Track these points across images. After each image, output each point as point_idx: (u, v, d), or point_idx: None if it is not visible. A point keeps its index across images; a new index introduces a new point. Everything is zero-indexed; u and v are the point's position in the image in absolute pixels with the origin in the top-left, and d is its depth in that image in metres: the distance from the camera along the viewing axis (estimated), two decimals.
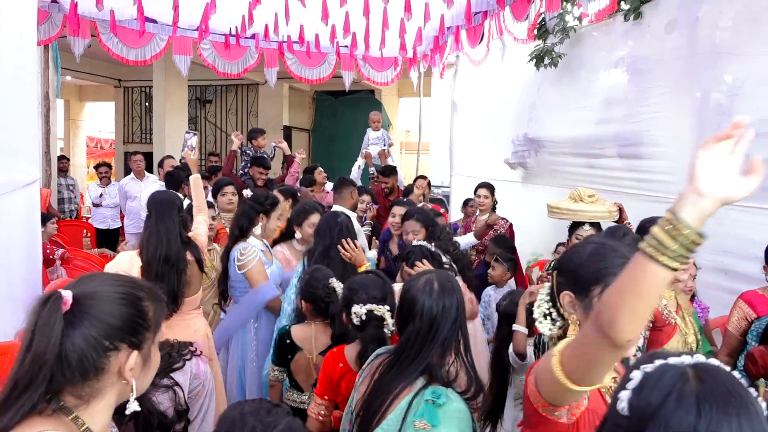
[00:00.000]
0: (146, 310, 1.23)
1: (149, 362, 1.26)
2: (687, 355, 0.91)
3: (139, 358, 1.21)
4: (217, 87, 14.05)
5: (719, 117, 3.62)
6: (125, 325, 1.18)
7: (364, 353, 2.16)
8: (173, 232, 3.15)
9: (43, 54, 6.71)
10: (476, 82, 7.30)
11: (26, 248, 3.18)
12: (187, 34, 6.43)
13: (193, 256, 3.25)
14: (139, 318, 1.21)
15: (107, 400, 1.19)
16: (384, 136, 7.71)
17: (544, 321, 1.59)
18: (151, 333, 1.24)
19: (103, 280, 1.24)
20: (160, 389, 2.08)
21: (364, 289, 2.31)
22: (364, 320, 2.25)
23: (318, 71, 7.20)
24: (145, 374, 1.26)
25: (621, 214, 3.61)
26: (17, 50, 3.11)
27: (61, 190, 8.98)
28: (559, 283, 1.57)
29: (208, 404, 2.48)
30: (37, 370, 1.09)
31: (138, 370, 1.21)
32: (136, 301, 1.22)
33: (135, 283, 1.27)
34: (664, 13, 4.17)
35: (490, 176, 5.66)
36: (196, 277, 3.33)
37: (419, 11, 5.37)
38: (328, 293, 2.69)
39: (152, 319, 1.24)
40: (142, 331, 1.22)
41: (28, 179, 3.20)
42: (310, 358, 2.72)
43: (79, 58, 6.08)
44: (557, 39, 5.07)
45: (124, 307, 1.19)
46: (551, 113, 5.52)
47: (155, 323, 1.25)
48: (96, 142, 18.33)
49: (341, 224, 3.34)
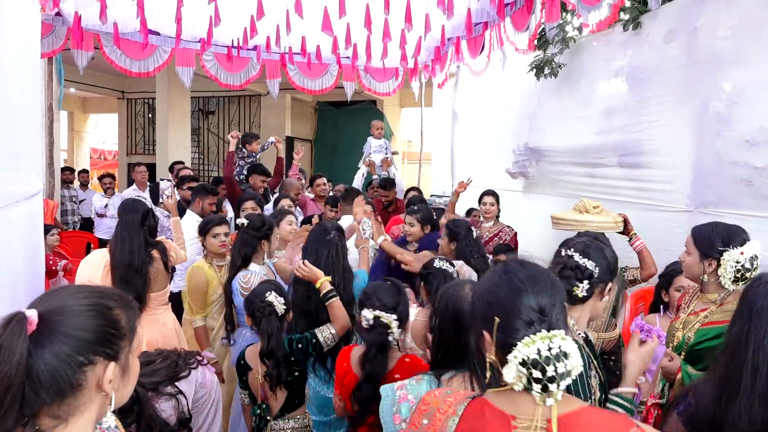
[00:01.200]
0: (117, 318, 1.18)
1: (128, 371, 1.22)
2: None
3: (117, 369, 1.16)
4: (220, 98, 14.12)
5: (719, 125, 3.63)
6: (98, 338, 1.13)
7: (367, 355, 2.32)
8: (137, 239, 3.41)
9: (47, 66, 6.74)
10: (477, 92, 7.33)
11: (29, 260, 3.19)
12: (190, 46, 6.48)
13: (159, 254, 3.52)
14: (111, 328, 1.16)
15: (87, 415, 1.14)
16: (386, 145, 7.74)
17: None
18: (126, 341, 1.19)
19: (68, 293, 1.18)
20: (163, 397, 2.08)
21: (377, 295, 2.41)
22: (371, 324, 2.36)
23: (320, 82, 7.24)
24: (125, 384, 1.21)
25: (626, 224, 3.61)
26: (21, 63, 3.13)
27: (64, 201, 9.02)
28: None
29: (214, 414, 2.49)
30: (3, 395, 1.03)
31: (117, 381, 1.17)
32: (105, 311, 1.17)
33: (102, 293, 1.22)
34: (663, 23, 4.19)
35: (492, 185, 5.67)
36: (161, 275, 3.57)
37: (420, 22, 5.40)
38: (261, 308, 2.67)
39: (125, 326, 1.20)
40: (117, 341, 1.17)
41: (30, 191, 3.21)
42: (257, 377, 2.68)
43: (82, 71, 6.12)
44: (557, 49, 5.09)
45: (94, 318, 1.14)
46: (552, 123, 5.54)
47: (129, 330, 1.21)
48: (100, 154, 18.42)
49: (330, 244, 3.22)
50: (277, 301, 2.67)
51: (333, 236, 3.26)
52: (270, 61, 6.92)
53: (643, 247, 3.49)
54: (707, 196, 3.77)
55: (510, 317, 1.24)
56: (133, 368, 1.24)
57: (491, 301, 1.30)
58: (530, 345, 1.18)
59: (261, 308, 2.66)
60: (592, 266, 2.29)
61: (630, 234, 3.57)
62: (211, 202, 5.28)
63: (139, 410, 1.65)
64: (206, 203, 5.24)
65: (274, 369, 2.58)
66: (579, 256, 2.31)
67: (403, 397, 1.95)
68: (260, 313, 2.65)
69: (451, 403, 1.34)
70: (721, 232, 2.38)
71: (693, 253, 2.44)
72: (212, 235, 3.82)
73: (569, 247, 2.26)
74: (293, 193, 5.85)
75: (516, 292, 1.27)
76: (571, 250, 2.31)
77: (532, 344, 1.18)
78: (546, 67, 5.18)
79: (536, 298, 1.25)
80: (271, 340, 2.60)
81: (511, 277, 1.30)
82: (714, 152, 3.67)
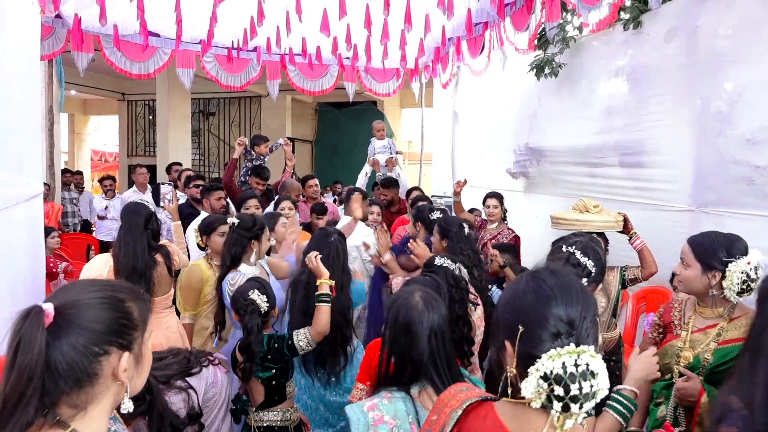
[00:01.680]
0: (130, 310, 1.23)
1: (142, 361, 1.26)
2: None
3: (131, 359, 1.21)
4: (220, 99, 14.14)
5: (720, 125, 3.63)
6: (111, 329, 1.18)
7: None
8: (140, 243, 3.39)
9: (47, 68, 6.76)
10: (477, 92, 7.33)
11: (29, 262, 3.20)
12: (190, 47, 6.48)
13: (163, 258, 3.50)
14: (123, 319, 1.21)
15: (104, 402, 1.20)
16: (389, 145, 7.70)
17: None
18: (138, 332, 1.24)
19: (82, 287, 1.24)
20: (173, 390, 2.15)
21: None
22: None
23: (320, 83, 7.24)
24: (138, 373, 1.26)
25: (626, 223, 3.60)
26: (21, 65, 3.14)
27: (64, 203, 9.02)
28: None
29: (225, 414, 2.53)
30: (25, 386, 1.09)
31: (131, 370, 1.22)
32: (118, 303, 1.22)
33: (114, 286, 1.27)
34: (664, 22, 4.18)
35: (493, 186, 5.66)
36: (165, 279, 3.55)
37: (420, 23, 5.40)
38: (244, 305, 2.73)
39: (138, 318, 1.24)
40: (130, 332, 1.22)
41: (31, 193, 3.22)
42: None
43: (82, 73, 6.13)
44: (557, 49, 5.09)
45: (107, 311, 1.19)
46: (552, 123, 5.53)
47: (142, 321, 1.26)
48: (100, 155, 18.44)
49: (331, 246, 3.21)
50: (260, 299, 2.73)
51: (334, 239, 3.27)
52: (270, 62, 6.92)
53: (643, 246, 3.47)
54: (708, 196, 3.77)
55: (535, 326, 1.14)
56: (146, 358, 1.29)
57: (515, 309, 1.20)
58: (555, 358, 1.08)
59: (244, 306, 2.73)
60: (591, 265, 2.31)
61: (630, 233, 3.56)
62: (218, 197, 5.29)
63: (151, 399, 1.72)
64: (213, 200, 5.27)
65: (246, 363, 2.65)
66: (580, 254, 2.30)
67: (378, 419, 1.83)
68: (243, 310, 2.73)
69: (460, 399, 1.31)
70: (722, 241, 2.21)
71: (693, 266, 2.23)
72: (219, 234, 3.75)
73: (570, 245, 2.25)
74: (294, 194, 5.83)
75: (544, 300, 1.17)
76: (573, 248, 2.30)
77: (557, 357, 1.08)
78: (546, 67, 5.17)
79: (566, 308, 1.15)
80: (251, 335, 2.66)
81: (540, 284, 1.20)
82: (715, 151, 3.66)
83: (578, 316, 1.15)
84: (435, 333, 1.87)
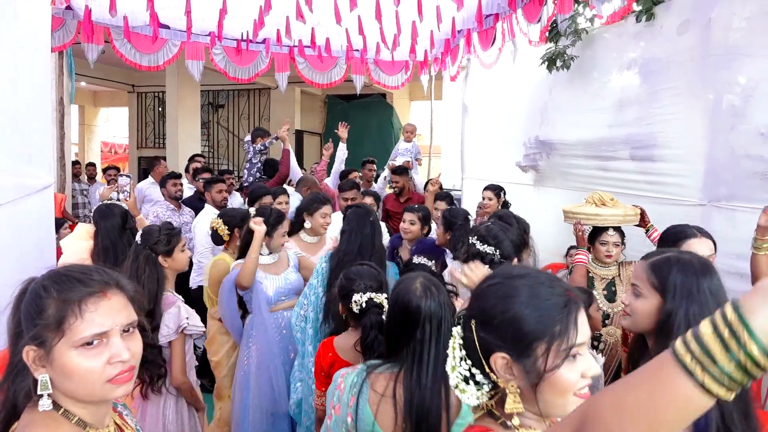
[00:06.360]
0: (45, 306, 1.21)
1: (62, 369, 1.19)
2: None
3: (36, 354, 1.20)
4: (230, 91, 14.14)
5: (733, 119, 3.59)
6: (25, 316, 1.23)
7: (366, 339, 2.26)
8: (120, 246, 3.38)
9: (57, 60, 6.76)
10: (487, 84, 7.28)
11: (40, 253, 3.21)
12: (200, 39, 6.48)
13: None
14: (34, 312, 1.21)
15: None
16: (413, 148, 7.72)
17: (467, 388, 1.16)
18: (50, 332, 1.19)
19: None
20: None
21: (362, 279, 2.40)
22: (363, 308, 2.34)
23: (329, 75, 7.21)
24: (63, 380, 1.21)
25: (643, 216, 3.56)
26: (33, 56, 3.14)
27: (75, 194, 9.06)
28: (483, 340, 1.14)
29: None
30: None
31: (41, 368, 1.20)
32: (39, 294, 1.23)
33: (62, 276, 1.27)
34: (677, 14, 4.13)
35: (502, 179, 5.64)
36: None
37: (431, 14, 5.36)
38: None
39: (50, 316, 1.19)
40: (37, 326, 1.20)
41: (41, 184, 3.23)
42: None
43: (93, 64, 6.14)
44: (569, 41, 5.04)
45: (29, 297, 1.24)
46: (563, 116, 5.49)
47: (55, 323, 1.19)
48: (110, 147, 18.51)
49: (374, 223, 3.38)
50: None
51: (374, 218, 3.43)
52: (279, 54, 6.91)
53: None
54: (720, 190, 3.73)
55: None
56: (69, 368, 1.24)
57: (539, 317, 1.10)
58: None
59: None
60: (492, 250, 2.45)
61: (647, 226, 3.53)
62: (219, 189, 5.32)
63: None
64: (214, 192, 5.29)
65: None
66: (479, 243, 2.47)
67: (339, 384, 1.95)
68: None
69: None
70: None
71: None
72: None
73: (473, 235, 2.42)
74: (304, 189, 5.80)
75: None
76: (474, 238, 2.47)
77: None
78: (558, 60, 5.13)
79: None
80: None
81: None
82: (728, 145, 3.62)
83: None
84: (430, 319, 1.88)
